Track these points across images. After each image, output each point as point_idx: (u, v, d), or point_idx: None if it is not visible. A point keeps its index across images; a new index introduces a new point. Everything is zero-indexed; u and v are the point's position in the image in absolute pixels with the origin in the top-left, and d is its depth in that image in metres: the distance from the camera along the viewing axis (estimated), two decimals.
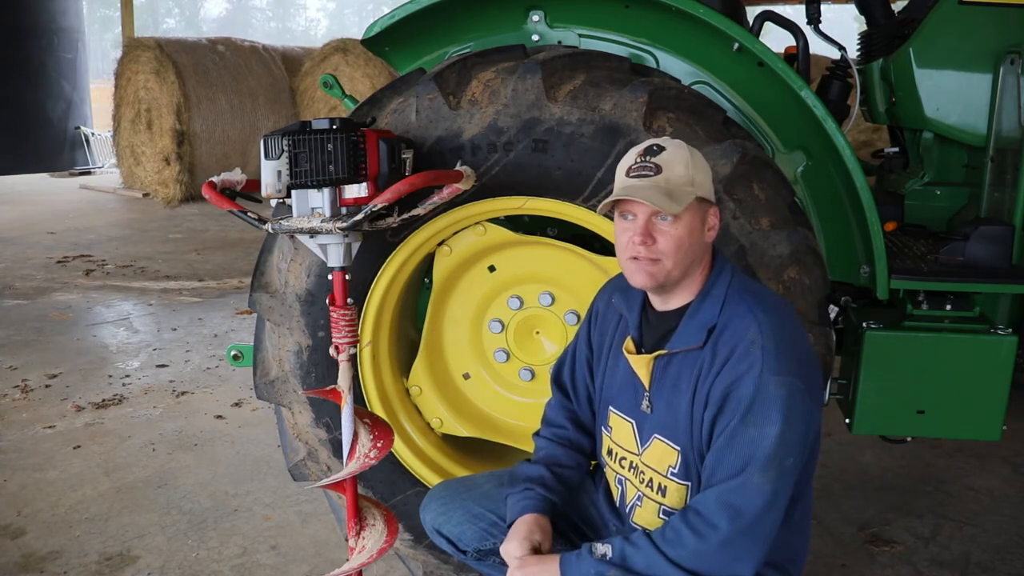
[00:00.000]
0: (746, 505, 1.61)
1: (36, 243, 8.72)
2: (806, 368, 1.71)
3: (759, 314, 1.70)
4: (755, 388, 1.63)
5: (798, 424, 1.65)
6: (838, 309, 2.88)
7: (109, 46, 54.50)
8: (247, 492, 3.40)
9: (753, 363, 1.64)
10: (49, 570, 2.85)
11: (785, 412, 1.62)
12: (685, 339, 1.75)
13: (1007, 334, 2.52)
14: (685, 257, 1.72)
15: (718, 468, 1.66)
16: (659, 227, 1.70)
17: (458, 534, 2.02)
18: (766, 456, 1.61)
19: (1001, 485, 3.48)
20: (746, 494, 1.61)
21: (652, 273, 1.71)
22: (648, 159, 1.72)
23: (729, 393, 1.66)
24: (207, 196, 1.97)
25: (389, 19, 2.55)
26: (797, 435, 1.65)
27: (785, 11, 3.52)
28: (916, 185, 3.03)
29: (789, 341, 1.69)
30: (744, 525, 1.61)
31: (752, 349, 1.66)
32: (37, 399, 4.42)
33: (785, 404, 1.62)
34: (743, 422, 1.63)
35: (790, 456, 1.64)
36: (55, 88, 13.56)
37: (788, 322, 1.75)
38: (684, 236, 1.70)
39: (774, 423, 1.62)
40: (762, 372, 1.63)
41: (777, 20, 2.87)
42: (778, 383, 1.63)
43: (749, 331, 1.68)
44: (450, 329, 2.66)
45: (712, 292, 1.76)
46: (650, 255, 1.70)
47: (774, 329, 1.68)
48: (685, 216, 1.70)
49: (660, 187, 1.68)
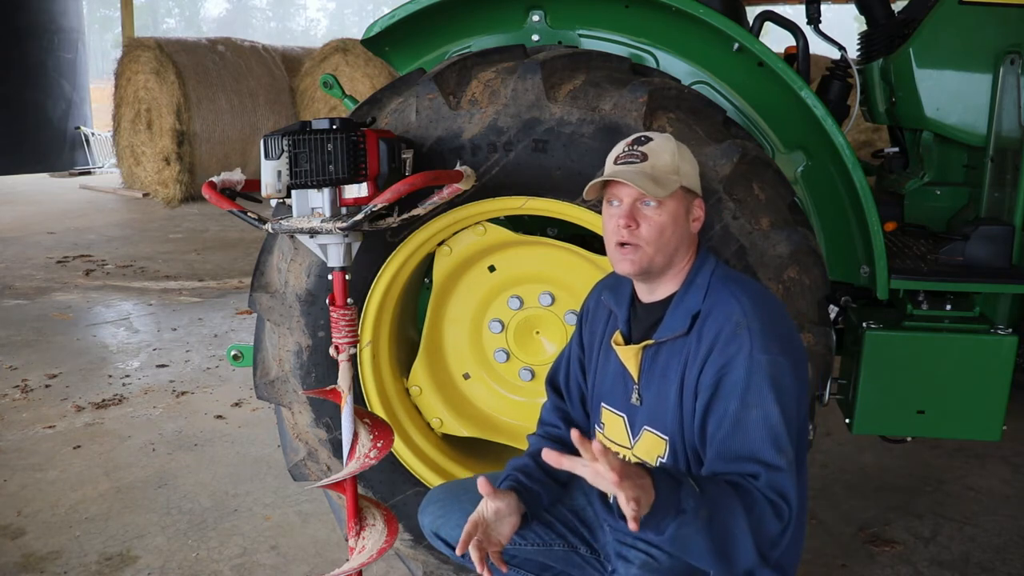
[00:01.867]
0: (788, 489, 1.61)
1: (36, 243, 8.72)
2: (791, 346, 1.73)
3: (742, 298, 1.72)
4: (747, 369, 1.65)
5: (791, 402, 1.67)
6: (838, 309, 2.88)
7: (109, 46, 54.55)
8: (247, 492, 3.40)
9: (742, 345, 1.66)
10: (49, 570, 2.85)
11: (778, 391, 1.64)
12: (671, 327, 1.77)
13: (1007, 334, 2.53)
14: (667, 244, 1.75)
15: (729, 453, 1.65)
16: (643, 212, 1.74)
17: (456, 536, 2.02)
18: (776, 435, 1.63)
19: (1001, 485, 3.48)
20: (783, 478, 1.61)
21: (633, 260, 1.74)
22: (635, 148, 1.77)
23: (722, 378, 1.67)
24: (207, 196, 1.97)
25: (389, 19, 2.55)
26: (791, 411, 1.67)
27: (785, 11, 3.52)
28: (916, 185, 3.03)
29: (772, 320, 1.71)
30: (795, 509, 1.61)
31: (739, 331, 1.67)
32: (37, 399, 4.42)
33: (778, 383, 1.65)
34: (743, 405, 1.64)
35: (793, 430, 1.67)
36: (55, 88, 13.57)
37: (770, 303, 1.77)
38: (667, 223, 1.73)
39: (773, 402, 1.63)
40: (752, 352, 1.65)
41: (777, 20, 2.87)
42: (768, 362, 1.65)
43: (733, 314, 1.70)
44: (450, 329, 2.66)
45: (696, 281, 1.79)
46: (633, 240, 1.73)
47: (757, 309, 1.70)
48: (669, 203, 1.74)
49: (646, 172, 1.72)
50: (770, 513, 1.58)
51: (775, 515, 1.59)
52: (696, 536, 1.51)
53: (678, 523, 1.48)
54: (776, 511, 1.59)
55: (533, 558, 2.03)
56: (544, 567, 2.05)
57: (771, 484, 1.60)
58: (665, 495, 1.46)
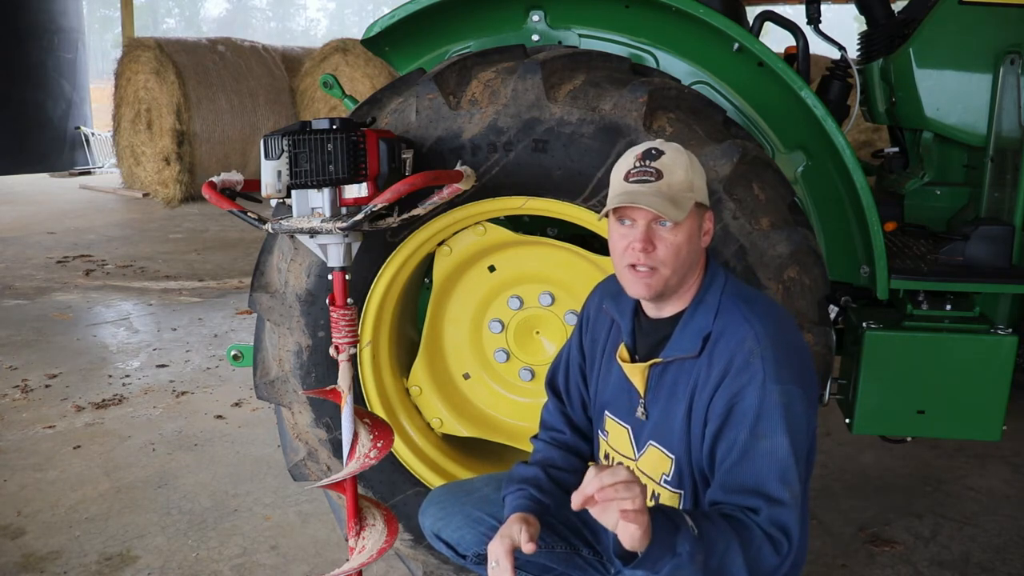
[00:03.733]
0: (790, 524, 1.59)
1: (36, 243, 8.72)
2: (805, 374, 1.70)
3: (754, 322, 1.68)
4: (759, 399, 1.62)
5: (801, 431, 1.65)
6: (838, 309, 2.88)
7: (109, 46, 54.54)
8: (247, 492, 3.40)
9: (754, 374, 1.63)
10: (49, 570, 2.85)
11: (790, 421, 1.62)
12: (680, 347, 1.73)
13: (1007, 334, 2.52)
14: (683, 265, 1.70)
15: (734, 483, 1.63)
16: (659, 234, 1.67)
17: (457, 538, 2.02)
18: (784, 468, 1.60)
19: (1001, 485, 3.48)
20: (785, 513, 1.59)
21: (650, 284, 1.69)
22: (648, 164, 1.69)
23: (733, 406, 1.64)
24: (207, 196, 1.97)
25: (389, 19, 2.55)
26: (801, 441, 1.65)
27: (785, 11, 3.52)
28: (916, 185, 3.03)
29: (786, 347, 1.68)
30: (795, 543, 1.59)
31: (752, 360, 1.64)
32: (37, 399, 4.42)
33: (790, 412, 1.62)
34: (753, 435, 1.62)
35: (801, 461, 1.64)
36: (55, 88, 13.57)
37: (783, 326, 1.74)
38: (683, 243, 1.68)
39: (783, 433, 1.61)
40: (764, 382, 1.62)
41: (777, 20, 2.87)
42: (780, 392, 1.62)
43: (747, 341, 1.66)
44: (450, 329, 2.66)
45: (705, 299, 1.74)
46: (649, 263, 1.67)
47: (771, 336, 1.67)
48: (685, 223, 1.68)
49: (663, 193, 1.66)
50: (768, 549, 1.56)
51: (774, 551, 1.57)
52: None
53: (674, 565, 1.47)
54: (775, 546, 1.57)
55: (536, 560, 2.02)
56: (546, 569, 2.05)
57: (772, 519, 1.58)
58: (661, 538, 1.45)
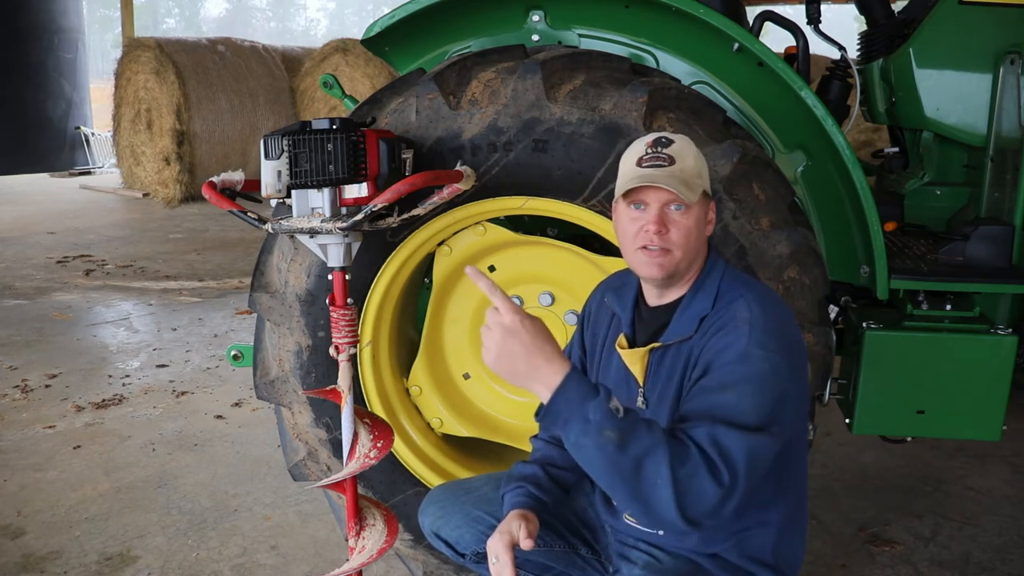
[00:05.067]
0: (734, 450, 1.50)
1: (36, 243, 8.72)
2: (793, 351, 1.68)
3: (751, 301, 1.70)
4: (737, 357, 1.60)
5: (772, 400, 1.58)
6: (838, 309, 2.88)
7: (109, 46, 54.57)
8: (247, 492, 3.40)
9: (740, 336, 1.63)
10: (49, 570, 2.85)
11: (762, 384, 1.58)
12: (679, 330, 1.75)
13: (1007, 334, 2.53)
14: (692, 249, 1.73)
15: (682, 416, 1.59)
16: (672, 217, 1.70)
17: (456, 537, 2.02)
18: (742, 409, 1.54)
19: (1001, 485, 3.48)
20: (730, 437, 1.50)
21: (662, 264, 1.71)
22: (660, 150, 1.72)
23: (713, 360, 1.63)
24: (207, 196, 1.97)
25: (389, 19, 2.55)
26: (768, 411, 1.57)
27: (785, 11, 3.52)
28: (916, 185, 3.04)
29: (777, 323, 1.68)
30: (740, 478, 1.49)
31: (740, 325, 1.65)
32: (37, 399, 4.42)
33: (765, 378, 1.58)
34: (721, 385, 1.59)
35: (764, 430, 1.56)
36: (55, 88, 13.57)
37: (779, 309, 1.74)
38: (693, 227, 1.71)
39: (751, 394, 1.56)
40: (748, 345, 1.61)
41: (777, 20, 2.87)
42: (762, 357, 1.60)
43: (739, 311, 1.67)
44: (450, 329, 2.67)
45: (704, 285, 1.76)
46: (663, 244, 1.70)
47: (764, 313, 1.67)
48: (695, 207, 1.71)
49: (676, 175, 1.69)
50: (704, 471, 1.46)
51: (709, 474, 1.46)
52: (596, 454, 1.45)
53: (580, 431, 1.45)
54: (712, 470, 1.46)
55: (534, 559, 2.03)
56: (545, 568, 2.05)
57: (712, 438, 1.49)
58: (573, 392, 1.45)
